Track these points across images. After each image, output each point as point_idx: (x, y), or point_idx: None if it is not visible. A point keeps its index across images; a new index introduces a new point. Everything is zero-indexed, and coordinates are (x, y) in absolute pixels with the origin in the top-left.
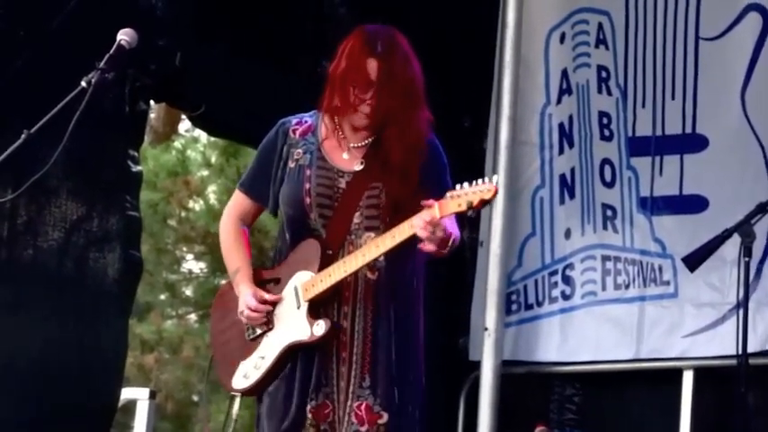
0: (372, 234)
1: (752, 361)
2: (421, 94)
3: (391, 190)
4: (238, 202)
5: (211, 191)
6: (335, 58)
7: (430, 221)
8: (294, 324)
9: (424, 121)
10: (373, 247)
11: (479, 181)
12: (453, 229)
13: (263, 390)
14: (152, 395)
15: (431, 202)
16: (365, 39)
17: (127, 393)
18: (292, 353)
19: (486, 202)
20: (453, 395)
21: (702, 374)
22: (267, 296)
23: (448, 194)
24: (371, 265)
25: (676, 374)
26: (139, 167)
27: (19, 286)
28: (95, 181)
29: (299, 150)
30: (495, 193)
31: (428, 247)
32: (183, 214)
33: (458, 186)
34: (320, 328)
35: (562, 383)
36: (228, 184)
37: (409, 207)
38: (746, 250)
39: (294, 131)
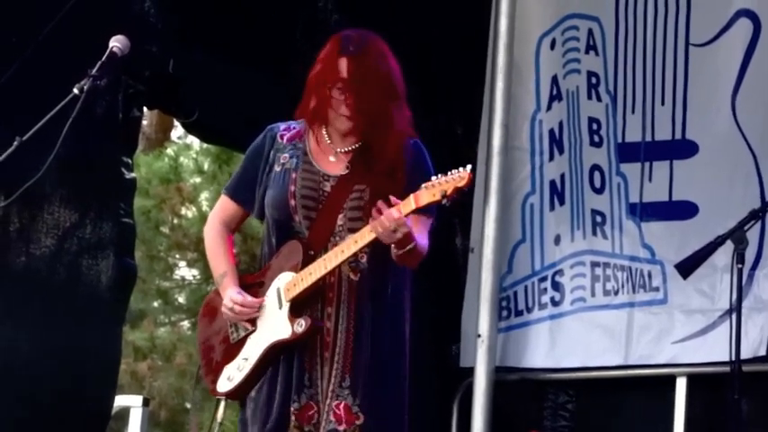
0: (354, 234)
1: (744, 368)
2: (399, 91)
3: (378, 191)
4: (223, 206)
5: (204, 198)
6: (314, 64)
7: (395, 219)
8: (276, 324)
9: (404, 119)
10: (352, 243)
11: (454, 170)
12: (421, 239)
13: (247, 392)
14: (145, 402)
15: (396, 201)
16: (339, 41)
17: (120, 401)
18: (276, 354)
19: (459, 190)
20: (446, 402)
21: (695, 381)
22: (250, 299)
23: (423, 186)
24: (354, 266)
25: (669, 381)
26: (133, 174)
27: (11, 293)
28: (89, 188)
29: (286, 155)
30: (469, 180)
31: (388, 242)
32: (176, 221)
33: (433, 177)
34: (301, 326)
35: (555, 391)
36: (221, 190)
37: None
38: (739, 257)
39: (282, 137)
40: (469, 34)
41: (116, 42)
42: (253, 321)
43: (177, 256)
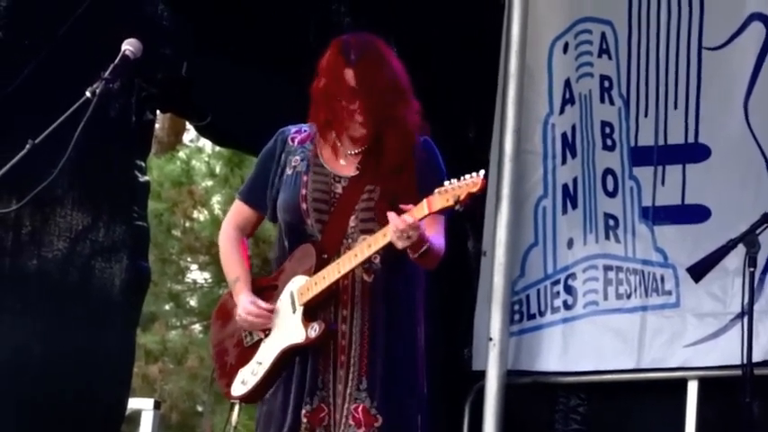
0: (368, 237)
1: (756, 371)
2: (405, 88)
3: (388, 190)
4: (237, 210)
5: (216, 201)
6: (316, 75)
7: (410, 225)
8: (290, 328)
9: (414, 114)
10: (365, 247)
11: (467, 175)
12: (437, 240)
13: (262, 395)
14: (157, 405)
15: (409, 207)
16: (339, 50)
17: (132, 404)
18: (289, 357)
19: (472, 195)
20: (458, 405)
21: (706, 384)
22: (264, 304)
23: (436, 191)
24: (367, 268)
25: (681, 385)
26: (147, 177)
27: (24, 296)
28: (101, 191)
29: (297, 157)
30: (482, 186)
31: (401, 246)
32: (188, 224)
33: (446, 182)
34: (315, 330)
35: (567, 394)
36: (233, 194)
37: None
38: (751, 260)
39: (293, 140)
40: (483, 38)
41: (129, 45)
42: (266, 326)
43: (189, 259)
